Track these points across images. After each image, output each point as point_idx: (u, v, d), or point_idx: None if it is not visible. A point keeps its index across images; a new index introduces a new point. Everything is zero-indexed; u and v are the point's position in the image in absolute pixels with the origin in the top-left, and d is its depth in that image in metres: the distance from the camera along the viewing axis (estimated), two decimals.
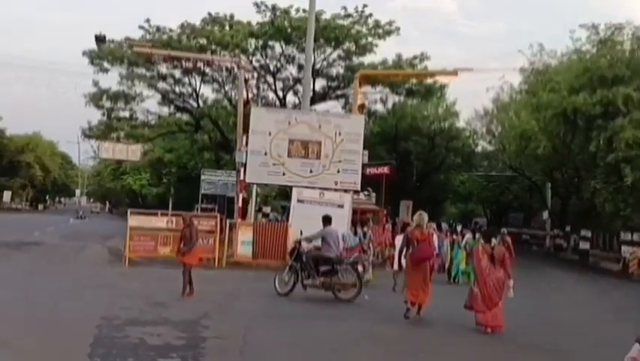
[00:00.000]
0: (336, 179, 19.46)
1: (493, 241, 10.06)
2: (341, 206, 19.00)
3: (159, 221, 17.04)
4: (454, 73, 19.72)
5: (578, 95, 24.59)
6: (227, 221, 18.13)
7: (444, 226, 22.37)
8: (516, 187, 51.67)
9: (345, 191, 19.51)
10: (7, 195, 69.14)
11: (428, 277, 10.22)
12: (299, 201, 18.97)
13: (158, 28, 27.97)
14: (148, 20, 28.08)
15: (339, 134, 19.39)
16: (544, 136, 26.85)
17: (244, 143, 19.03)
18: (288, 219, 19.33)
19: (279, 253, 17.48)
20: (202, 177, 33.89)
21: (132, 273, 15.33)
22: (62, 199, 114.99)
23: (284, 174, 19.28)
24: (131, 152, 38.85)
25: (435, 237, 12.35)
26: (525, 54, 29.00)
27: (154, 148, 46.56)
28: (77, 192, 71.24)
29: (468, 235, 17.54)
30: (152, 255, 16.75)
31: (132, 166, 54.05)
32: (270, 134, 19.24)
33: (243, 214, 19.42)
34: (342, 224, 18.68)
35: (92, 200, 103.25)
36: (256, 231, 17.53)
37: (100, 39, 18.36)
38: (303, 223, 18.93)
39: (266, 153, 19.20)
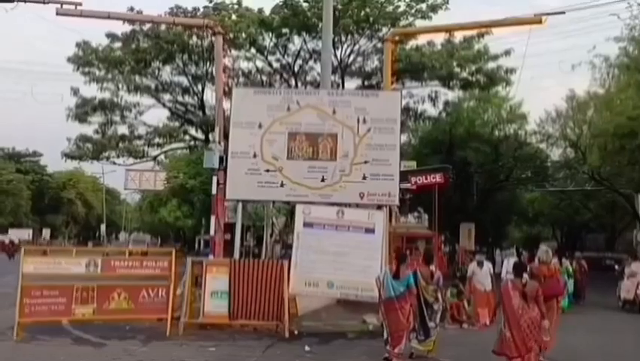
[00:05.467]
0: (362, 190, 12.73)
1: (525, 276, 8.31)
2: (370, 230, 12.32)
3: (74, 264, 10.57)
4: (538, 20, 12.89)
5: None
6: (189, 259, 11.55)
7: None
8: (595, 204, 43.73)
9: (378, 207, 12.84)
10: (45, 232, 66.91)
11: (557, 317, 9.31)
12: (306, 225, 12.40)
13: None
14: (132, 9, 22.59)
15: (364, 121, 12.69)
16: None
17: (217, 140, 12.63)
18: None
19: (271, 310, 10.87)
20: (225, 203, 28.28)
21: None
22: (119, 235, 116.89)
23: (282, 185, 12.71)
24: (159, 181, 35.06)
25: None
26: (621, 19, 21.48)
27: (179, 174, 41.80)
28: (103, 226, 67.36)
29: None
30: (61, 318, 10.35)
31: (156, 197, 49.84)
32: (260, 126, 12.77)
33: (225, 249, 12.93)
34: (374, 257, 12.14)
35: (150, 236, 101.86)
36: (233, 275, 10.95)
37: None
38: (313, 259, 12.51)
39: (255, 155, 12.74)
